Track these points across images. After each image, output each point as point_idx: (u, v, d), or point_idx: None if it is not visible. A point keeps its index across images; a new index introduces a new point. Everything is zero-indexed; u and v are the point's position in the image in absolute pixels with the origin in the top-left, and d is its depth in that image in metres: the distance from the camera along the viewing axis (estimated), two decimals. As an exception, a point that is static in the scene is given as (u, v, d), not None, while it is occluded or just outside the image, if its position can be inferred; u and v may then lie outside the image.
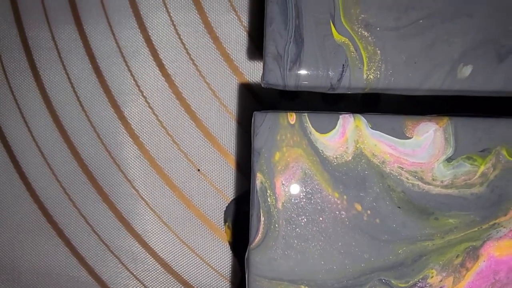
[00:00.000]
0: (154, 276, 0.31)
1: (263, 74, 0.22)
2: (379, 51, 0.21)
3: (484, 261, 0.20)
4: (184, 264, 0.30)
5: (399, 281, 0.21)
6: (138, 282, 0.30)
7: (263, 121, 0.21)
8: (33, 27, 0.30)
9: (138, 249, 0.31)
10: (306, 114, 0.21)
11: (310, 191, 0.21)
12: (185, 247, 0.30)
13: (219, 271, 0.30)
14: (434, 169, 0.20)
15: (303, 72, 0.21)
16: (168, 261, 0.30)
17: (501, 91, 0.21)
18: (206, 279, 0.30)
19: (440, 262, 0.20)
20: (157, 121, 0.30)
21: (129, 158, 0.30)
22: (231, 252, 0.30)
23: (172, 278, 0.30)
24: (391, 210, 0.21)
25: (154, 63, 0.31)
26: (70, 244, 0.31)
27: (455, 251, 0.20)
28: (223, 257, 0.30)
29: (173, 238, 0.30)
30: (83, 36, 0.30)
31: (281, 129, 0.21)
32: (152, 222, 0.30)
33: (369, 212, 0.21)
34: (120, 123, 0.30)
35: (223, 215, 0.30)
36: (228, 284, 0.30)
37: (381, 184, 0.21)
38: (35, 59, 0.30)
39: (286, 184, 0.21)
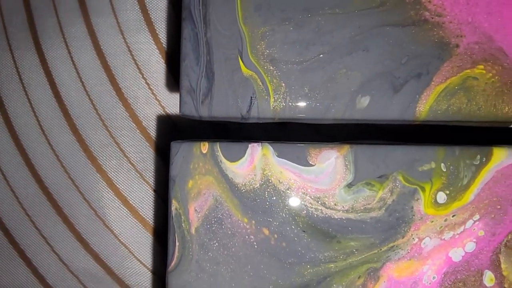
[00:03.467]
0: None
1: (179, 106, 0.23)
2: (283, 84, 0.22)
3: (384, 281, 0.21)
4: (143, 284, 0.31)
5: (305, 302, 0.22)
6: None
7: (178, 151, 0.23)
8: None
9: (96, 268, 0.32)
10: (218, 143, 0.22)
11: (221, 216, 0.22)
12: (142, 267, 0.31)
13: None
14: (335, 195, 0.22)
15: (214, 104, 0.22)
16: (125, 280, 0.31)
17: (398, 119, 0.22)
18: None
19: (343, 283, 0.21)
20: (114, 143, 0.32)
21: (87, 180, 0.31)
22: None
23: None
24: (296, 234, 0.22)
25: (112, 87, 0.32)
26: (31, 264, 0.32)
27: (357, 273, 0.21)
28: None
29: (129, 256, 0.31)
30: (43, 61, 0.32)
31: (194, 158, 0.22)
32: (109, 241, 0.31)
33: (276, 236, 0.22)
34: (79, 145, 0.32)
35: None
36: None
37: (287, 209, 0.22)
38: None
39: (199, 210, 0.22)
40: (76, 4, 0.32)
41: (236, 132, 0.30)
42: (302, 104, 0.22)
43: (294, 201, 0.22)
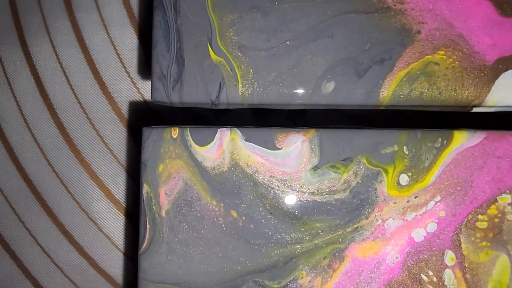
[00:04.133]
0: (96, 287, 0.32)
1: (151, 92, 0.24)
2: (251, 70, 0.23)
3: (349, 262, 0.22)
4: (127, 275, 0.31)
5: (272, 282, 0.22)
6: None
7: (149, 136, 0.23)
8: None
9: (80, 260, 0.32)
10: (188, 128, 0.23)
11: (190, 199, 0.23)
12: (126, 258, 0.31)
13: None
14: (302, 177, 0.22)
15: (184, 90, 0.23)
16: (108, 271, 0.31)
17: (362, 104, 0.22)
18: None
19: (309, 264, 0.22)
20: (98, 136, 0.32)
21: (71, 172, 0.32)
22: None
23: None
24: (263, 216, 0.22)
25: (95, 81, 0.33)
26: (15, 257, 0.33)
27: (322, 253, 0.22)
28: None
29: (112, 247, 0.31)
30: (28, 55, 0.32)
31: (164, 143, 0.23)
32: (92, 233, 0.32)
33: (244, 218, 0.22)
34: (63, 138, 0.32)
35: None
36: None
37: (254, 192, 0.22)
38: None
39: (169, 193, 0.23)
40: (60, 0, 0.32)
41: (217, 121, 0.31)
42: (269, 89, 0.23)
43: (261, 184, 0.22)
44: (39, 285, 0.32)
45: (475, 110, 0.23)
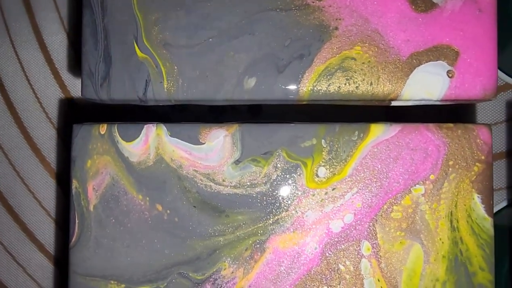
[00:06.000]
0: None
1: (81, 89, 0.24)
2: (176, 67, 0.23)
3: (270, 253, 0.22)
4: None
5: (196, 274, 0.23)
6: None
7: (78, 132, 0.24)
8: None
9: (41, 258, 0.32)
10: (116, 125, 0.23)
11: (117, 194, 0.23)
12: None
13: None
14: (224, 171, 0.23)
15: (112, 87, 0.24)
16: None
17: (283, 99, 0.23)
18: None
19: (232, 255, 0.22)
20: (57, 135, 0.33)
21: (32, 171, 0.32)
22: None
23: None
24: (187, 209, 0.23)
25: (55, 81, 0.33)
26: None
27: (244, 245, 0.22)
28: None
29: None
30: None
31: (93, 139, 0.23)
32: (53, 232, 0.32)
33: (168, 211, 0.23)
34: (23, 137, 0.33)
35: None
36: None
37: (179, 186, 0.23)
38: None
39: (97, 188, 0.23)
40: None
41: (177, 120, 0.31)
42: (193, 86, 0.23)
43: (185, 178, 0.23)
44: (1, 284, 0.33)
45: (393, 104, 0.23)
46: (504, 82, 0.29)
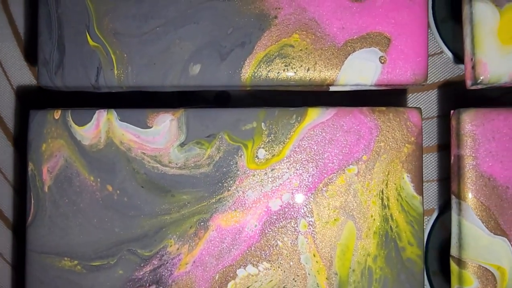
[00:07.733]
0: None
1: (37, 77, 0.25)
2: (125, 55, 0.24)
3: (213, 230, 0.24)
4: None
5: (144, 251, 0.24)
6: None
7: (34, 118, 0.25)
8: None
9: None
10: (69, 110, 0.25)
11: (70, 175, 0.24)
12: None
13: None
14: (170, 153, 0.24)
15: (66, 74, 0.25)
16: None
17: (226, 85, 0.24)
18: None
19: (177, 233, 0.24)
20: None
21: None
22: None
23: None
24: (136, 189, 0.24)
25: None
26: None
27: (189, 223, 0.24)
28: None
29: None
30: None
31: (48, 124, 0.25)
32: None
33: (118, 192, 0.24)
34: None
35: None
36: None
37: (128, 167, 0.24)
38: None
39: (51, 170, 0.24)
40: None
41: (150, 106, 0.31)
42: (142, 73, 0.24)
43: (134, 160, 0.24)
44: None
45: (332, 89, 0.24)
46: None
